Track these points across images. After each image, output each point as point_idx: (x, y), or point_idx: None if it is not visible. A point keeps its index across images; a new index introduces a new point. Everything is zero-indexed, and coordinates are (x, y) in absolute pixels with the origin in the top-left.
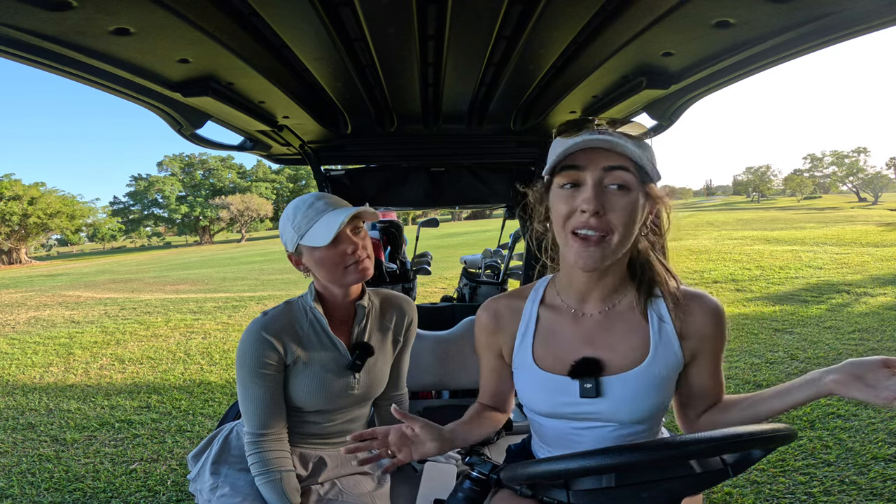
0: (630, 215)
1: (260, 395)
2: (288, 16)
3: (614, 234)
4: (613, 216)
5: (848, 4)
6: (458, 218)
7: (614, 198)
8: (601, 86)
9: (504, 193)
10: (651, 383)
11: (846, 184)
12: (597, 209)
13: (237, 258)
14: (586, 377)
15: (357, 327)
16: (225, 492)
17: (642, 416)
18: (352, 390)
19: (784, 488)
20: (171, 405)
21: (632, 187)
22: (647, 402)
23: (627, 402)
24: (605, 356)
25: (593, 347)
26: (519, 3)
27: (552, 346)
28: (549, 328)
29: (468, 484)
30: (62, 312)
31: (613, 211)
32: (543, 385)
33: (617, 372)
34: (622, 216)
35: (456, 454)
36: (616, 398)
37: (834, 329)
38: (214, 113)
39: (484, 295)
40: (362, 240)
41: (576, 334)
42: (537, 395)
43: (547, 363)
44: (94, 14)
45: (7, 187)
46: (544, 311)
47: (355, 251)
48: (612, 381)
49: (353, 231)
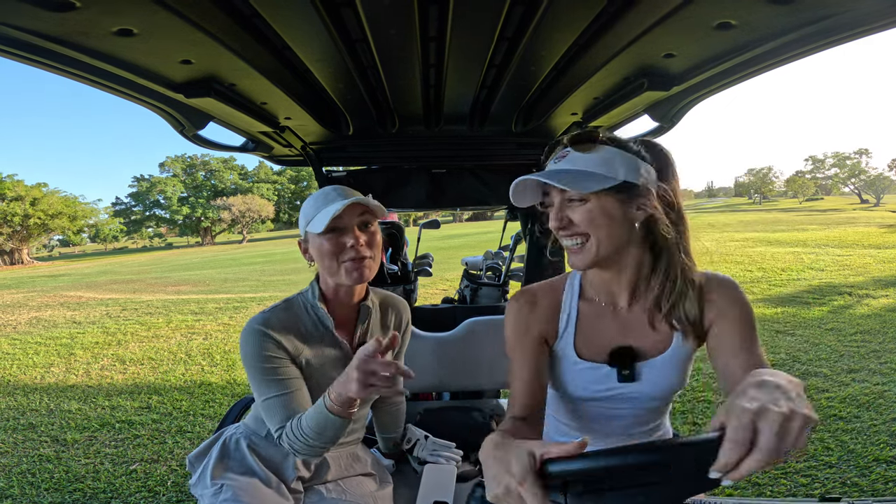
0: (593, 221)
1: (274, 391)
2: (290, 17)
3: (590, 238)
4: (581, 225)
5: (849, 6)
6: (459, 219)
7: (573, 210)
8: (602, 88)
9: (505, 195)
10: (676, 366)
11: (848, 185)
12: (560, 223)
13: (238, 259)
14: (623, 364)
15: (360, 328)
16: (227, 496)
17: (667, 394)
18: None
19: (785, 490)
20: (172, 406)
21: (586, 198)
22: (671, 382)
23: (658, 382)
24: (637, 344)
25: (627, 336)
26: (520, 5)
27: (591, 337)
28: (588, 321)
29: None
30: (64, 313)
31: (576, 222)
32: (583, 373)
33: (648, 358)
34: (585, 223)
35: (456, 455)
36: (648, 381)
37: (836, 331)
38: (216, 114)
39: (485, 297)
40: (370, 236)
41: (612, 325)
42: (576, 382)
43: (586, 353)
44: (97, 15)
45: (9, 188)
46: (584, 304)
47: (355, 245)
48: (644, 367)
49: (360, 225)
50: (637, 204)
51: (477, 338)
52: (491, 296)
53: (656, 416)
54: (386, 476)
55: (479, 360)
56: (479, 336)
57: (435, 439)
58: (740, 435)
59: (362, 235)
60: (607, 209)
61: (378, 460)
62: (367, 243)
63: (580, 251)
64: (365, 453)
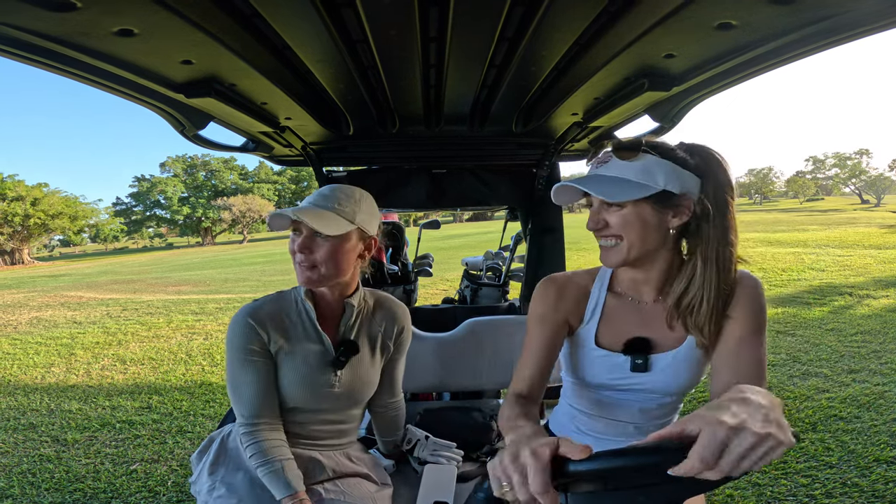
0: (627, 225)
1: (248, 380)
2: (290, 17)
3: (623, 240)
4: (615, 228)
5: (849, 6)
6: (459, 219)
7: (610, 214)
8: (603, 88)
9: (506, 195)
10: (689, 362)
11: (849, 186)
12: (596, 226)
13: (239, 259)
14: (637, 354)
15: (345, 324)
16: (221, 493)
17: (677, 390)
18: (332, 387)
19: (786, 490)
20: (173, 406)
21: (623, 204)
22: (682, 378)
23: (669, 376)
24: (654, 336)
25: (645, 330)
26: (521, 5)
27: (613, 328)
28: (613, 312)
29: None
30: (64, 313)
31: (611, 224)
32: (599, 360)
33: (662, 351)
34: (619, 227)
35: (457, 455)
36: (660, 372)
37: (836, 331)
38: (217, 114)
39: (485, 297)
40: (316, 247)
41: (632, 319)
42: (593, 369)
43: (605, 342)
44: (98, 15)
45: (10, 188)
46: (611, 297)
47: (296, 252)
48: (658, 359)
49: (307, 236)
50: (674, 211)
51: (477, 338)
52: (491, 296)
53: (668, 412)
54: (385, 476)
55: (479, 360)
56: (479, 336)
57: (435, 439)
58: (710, 451)
59: (304, 242)
60: (643, 216)
61: (377, 460)
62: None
63: (612, 251)
64: (362, 454)
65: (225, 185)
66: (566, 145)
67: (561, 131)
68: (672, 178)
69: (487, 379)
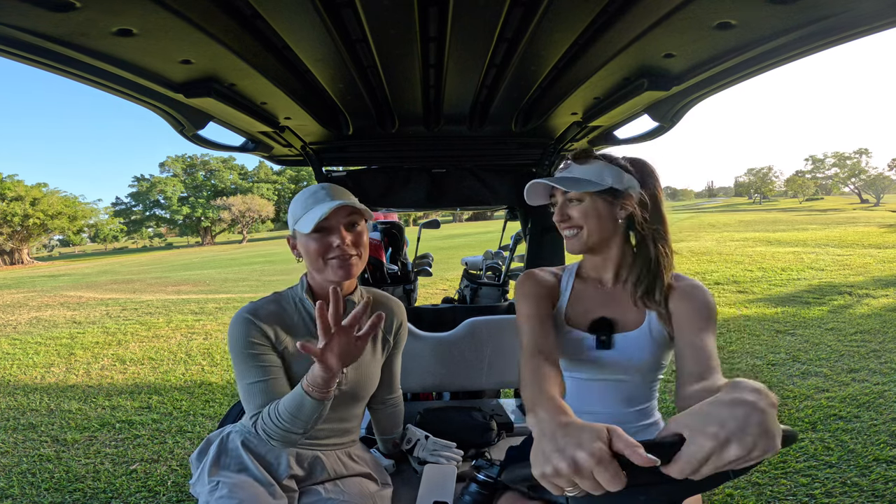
0: (586, 216)
1: (256, 374)
2: (290, 17)
3: (583, 229)
4: (576, 219)
5: (849, 6)
6: (459, 219)
7: (572, 208)
8: (602, 88)
9: (505, 195)
10: (647, 342)
11: (848, 185)
12: (561, 218)
13: (238, 259)
14: (601, 332)
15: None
16: (223, 493)
17: (639, 366)
18: (339, 385)
19: (786, 490)
20: (172, 406)
21: (581, 198)
22: (644, 355)
23: (630, 354)
24: (616, 317)
25: (608, 310)
26: (520, 6)
27: (580, 308)
28: (579, 294)
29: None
30: (64, 313)
31: (573, 216)
32: (569, 340)
33: (623, 330)
34: (579, 218)
35: (457, 455)
36: (622, 350)
37: (836, 331)
38: (216, 114)
39: (485, 296)
40: (357, 236)
41: (596, 299)
42: (565, 347)
43: (574, 321)
44: (98, 15)
45: (10, 188)
46: (578, 282)
47: (340, 245)
48: (620, 337)
49: (347, 226)
50: (620, 205)
51: (477, 338)
52: (491, 296)
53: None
54: (385, 476)
55: (479, 360)
56: (479, 336)
57: (435, 439)
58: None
59: (349, 235)
60: (597, 208)
61: (377, 460)
62: (353, 243)
63: (574, 239)
64: (364, 453)
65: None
66: (566, 145)
67: (560, 131)
68: (617, 178)
69: (487, 379)
